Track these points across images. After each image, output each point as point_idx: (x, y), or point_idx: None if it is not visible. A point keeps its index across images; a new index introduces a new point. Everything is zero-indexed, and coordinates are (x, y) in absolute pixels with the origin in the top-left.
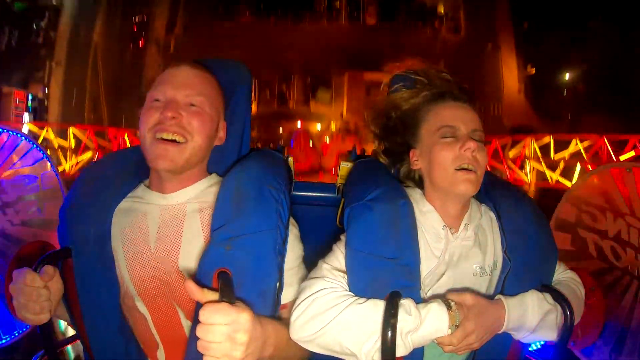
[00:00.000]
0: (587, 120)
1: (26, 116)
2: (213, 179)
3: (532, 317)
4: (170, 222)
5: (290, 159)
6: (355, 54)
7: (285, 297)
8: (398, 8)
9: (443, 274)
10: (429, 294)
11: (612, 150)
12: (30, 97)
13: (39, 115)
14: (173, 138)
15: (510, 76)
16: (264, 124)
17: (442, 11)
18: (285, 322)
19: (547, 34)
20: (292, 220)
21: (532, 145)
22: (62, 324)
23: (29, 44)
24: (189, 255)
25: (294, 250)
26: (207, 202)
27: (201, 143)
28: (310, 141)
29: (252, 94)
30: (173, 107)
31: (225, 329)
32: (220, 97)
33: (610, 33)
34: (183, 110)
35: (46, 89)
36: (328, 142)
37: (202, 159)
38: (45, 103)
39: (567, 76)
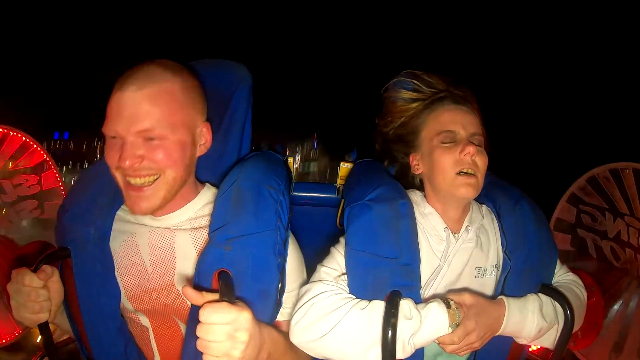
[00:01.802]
0: None
1: None
2: (207, 194)
3: (530, 326)
4: (161, 246)
5: (290, 159)
6: None
7: (282, 316)
8: None
9: (444, 276)
10: (429, 296)
11: None
12: None
13: None
14: (143, 182)
15: None
16: None
17: None
18: (284, 334)
19: None
20: (294, 241)
21: None
22: None
23: None
24: (185, 275)
25: (296, 274)
26: (201, 224)
27: (175, 174)
28: None
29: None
30: (129, 154)
31: (226, 327)
32: (190, 101)
33: None
34: (141, 149)
35: None
36: None
37: (183, 182)
38: None
39: None
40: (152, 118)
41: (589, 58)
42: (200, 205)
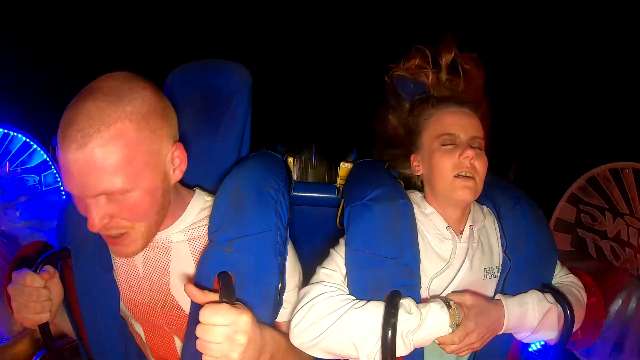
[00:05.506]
0: None
1: None
2: (197, 202)
3: (532, 317)
4: (156, 264)
5: (290, 159)
6: None
7: (281, 317)
8: None
9: (453, 278)
10: (434, 296)
11: None
12: None
13: None
14: (117, 234)
15: None
16: None
17: None
18: (284, 334)
19: None
20: (290, 242)
21: None
22: None
23: None
24: (180, 281)
25: (293, 275)
26: (198, 233)
27: (148, 223)
28: None
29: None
30: (95, 218)
31: (225, 329)
32: (149, 133)
33: None
34: (105, 207)
35: None
36: None
37: (162, 220)
38: None
39: None
40: (105, 178)
41: (589, 57)
42: (193, 215)
